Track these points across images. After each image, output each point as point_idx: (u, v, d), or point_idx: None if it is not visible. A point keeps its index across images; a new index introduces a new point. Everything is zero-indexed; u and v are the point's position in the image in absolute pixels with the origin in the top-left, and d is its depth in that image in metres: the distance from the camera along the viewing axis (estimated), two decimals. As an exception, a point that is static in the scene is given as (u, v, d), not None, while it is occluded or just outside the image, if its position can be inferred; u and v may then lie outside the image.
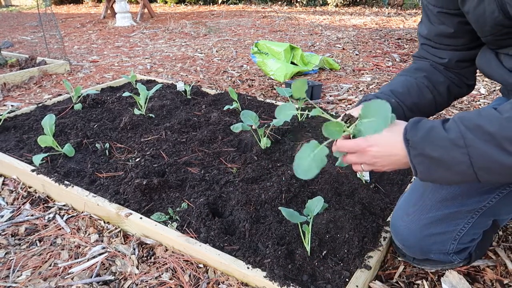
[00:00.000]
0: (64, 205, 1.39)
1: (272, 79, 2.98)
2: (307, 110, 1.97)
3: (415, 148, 0.72)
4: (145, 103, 2.00)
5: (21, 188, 1.50)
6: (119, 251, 1.16)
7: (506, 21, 0.73)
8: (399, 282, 1.04)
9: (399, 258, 1.12)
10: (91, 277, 1.06)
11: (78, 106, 2.12)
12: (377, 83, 2.86)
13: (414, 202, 1.00)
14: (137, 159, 1.57)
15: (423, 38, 1.07)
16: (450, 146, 0.67)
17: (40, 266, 1.11)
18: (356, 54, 3.83)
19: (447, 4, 0.94)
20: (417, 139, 0.72)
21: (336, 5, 8.27)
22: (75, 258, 1.14)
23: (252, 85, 2.87)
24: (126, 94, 2.12)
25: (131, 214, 1.22)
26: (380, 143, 0.77)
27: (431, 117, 1.08)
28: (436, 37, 1.03)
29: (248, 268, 1.00)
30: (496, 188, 0.90)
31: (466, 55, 1.02)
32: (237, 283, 1.01)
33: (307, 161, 0.74)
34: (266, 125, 1.66)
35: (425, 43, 1.07)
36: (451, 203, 0.93)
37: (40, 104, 2.21)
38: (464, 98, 2.50)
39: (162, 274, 1.06)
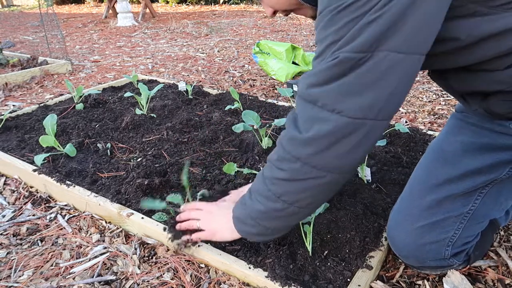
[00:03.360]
0: (65, 205, 1.39)
1: (274, 79, 2.98)
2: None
3: (233, 211, 0.98)
4: (146, 103, 2.00)
5: (22, 188, 1.50)
6: (120, 251, 1.16)
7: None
8: (400, 282, 1.04)
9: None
10: (93, 277, 1.07)
11: (79, 106, 2.12)
12: (379, 83, 2.85)
13: (403, 211, 1.01)
14: (139, 159, 1.57)
15: None
16: (242, 207, 0.93)
17: (42, 266, 1.11)
18: (358, 54, 3.81)
19: None
20: (235, 208, 0.98)
21: (338, 5, 8.25)
22: (77, 258, 1.14)
23: (254, 85, 2.87)
24: (128, 94, 2.12)
25: (133, 214, 1.22)
26: (220, 210, 1.05)
27: None
28: None
29: (249, 268, 1.00)
30: (476, 190, 0.92)
31: None
32: (239, 283, 1.01)
33: None
34: (267, 125, 1.66)
35: None
36: (437, 210, 0.93)
37: (42, 104, 2.22)
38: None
39: (163, 274, 1.06)
